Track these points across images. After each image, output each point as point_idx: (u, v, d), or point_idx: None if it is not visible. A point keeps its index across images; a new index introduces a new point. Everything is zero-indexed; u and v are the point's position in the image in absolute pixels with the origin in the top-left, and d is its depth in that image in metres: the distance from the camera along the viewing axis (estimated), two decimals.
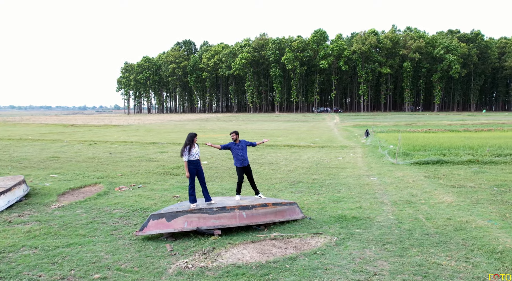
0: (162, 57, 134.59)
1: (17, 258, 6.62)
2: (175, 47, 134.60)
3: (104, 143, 27.01)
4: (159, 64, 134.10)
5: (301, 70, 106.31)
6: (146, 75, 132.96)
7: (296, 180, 13.19)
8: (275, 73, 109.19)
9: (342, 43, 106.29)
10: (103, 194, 11.34)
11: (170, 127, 48.23)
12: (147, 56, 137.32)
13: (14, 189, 10.31)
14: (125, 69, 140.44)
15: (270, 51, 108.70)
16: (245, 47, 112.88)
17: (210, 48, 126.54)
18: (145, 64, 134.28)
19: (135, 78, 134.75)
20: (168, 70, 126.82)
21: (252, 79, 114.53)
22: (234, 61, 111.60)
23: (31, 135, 36.40)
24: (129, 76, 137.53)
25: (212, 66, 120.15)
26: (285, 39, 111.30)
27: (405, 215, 8.96)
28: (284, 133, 35.45)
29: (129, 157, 19.38)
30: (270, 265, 6.26)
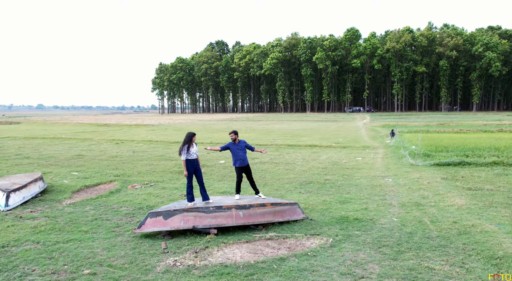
0: (195, 57, 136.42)
1: (18, 252, 6.90)
2: (208, 48, 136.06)
3: (131, 142, 27.69)
4: (192, 65, 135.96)
5: (333, 69, 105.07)
6: (180, 76, 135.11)
7: (308, 180, 13.06)
8: (306, 73, 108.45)
9: (375, 42, 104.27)
10: (115, 192, 11.63)
11: (198, 127, 48.84)
12: (180, 57, 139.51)
13: (29, 186, 10.74)
14: (160, 69, 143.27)
15: (302, 50, 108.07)
16: (277, 46, 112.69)
17: (241, 48, 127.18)
18: (178, 65, 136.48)
19: (169, 78, 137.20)
20: (200, 71, 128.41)
21: (283, 78, 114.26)
22: (265, 61, 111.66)
23: (64, 134, 37.78)
24: (163, 76, 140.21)
25: (244, 66, 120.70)
26: (317, 38, 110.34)
27: (410, 218, 8.71)
28: (310, 133, 35.17)
29: (150, 156, 19.79)
30: (258, 265, 6.24)
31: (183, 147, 8.36)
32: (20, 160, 18.63)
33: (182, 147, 8.37)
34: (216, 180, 13.44)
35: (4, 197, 9.84)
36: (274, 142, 25.96)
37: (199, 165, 8.59)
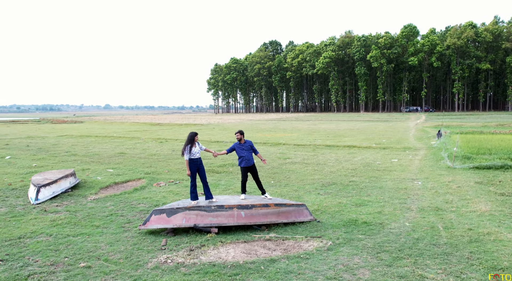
0: (248, 58, 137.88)
1: (30, 243, 7.38)
2: (261, 48, 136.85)
3: (174, 141, 28.55)
4: (246, 65, 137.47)
5: (388, 67, 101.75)
6: (233, 76, 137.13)
7: (332, 181, 12.81)
8: (360, 72, 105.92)
9: (434, 38, 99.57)
10: (140, 189, 12.07)
11: (246, 126, 49.31)
12: (234, 58, 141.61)
13: (60, 181, 11.43)
14: (214, 70, 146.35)
15: (355, 49, 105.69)
16: (330, 45, 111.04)
17: (294, 48, 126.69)
18: (232, 65, 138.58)
19: (223, 78, 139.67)
20: (253, 71, 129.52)
21: (336, 78, 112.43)
22: (318, 60, 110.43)
23: (117, 132, 39.71)
24: (217, 77, 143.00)
25: (296, 65, 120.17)
26: (372, 36, 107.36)
27: (423, 223, 8.30)
28: (355, 133, 34.35)
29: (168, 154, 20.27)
30: (246, 266, 6.24)
31: (185, 147, 8.51)
32: (67, 157, 19.85)
33: (185, 147, 8.51)
34: (239, 179, 13.52)
35: (35, 192, 10.57)
36: (314, 142, 25.64)
37: (202, 165, 8.72)
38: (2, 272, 6.00)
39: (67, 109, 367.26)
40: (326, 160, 17.61)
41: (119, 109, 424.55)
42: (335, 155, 19.35)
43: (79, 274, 5.95)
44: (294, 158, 18.15)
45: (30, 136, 35.59)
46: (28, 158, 19.71)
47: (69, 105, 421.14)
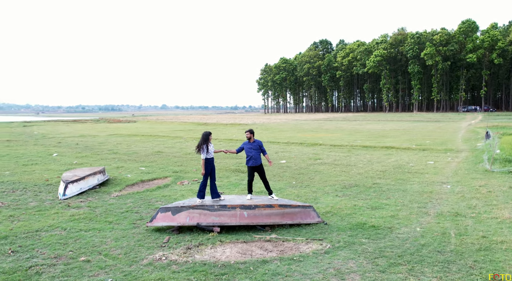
0: (298, 57, 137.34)
1: (44, 236, 7.81)
2: (311, 47, 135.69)
3: (213, 141, 29.04)
4: (295, 65, 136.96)
5: (444, 65, 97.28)
6: (283, 76, 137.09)
7: (355, 183, 12.49)
8: (413, 70, 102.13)
9: (495, 34, 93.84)
10: (163, 187, 12.43)
11: (289, 126, 49.15)
12: (284, 57, 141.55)
13: (87, 178, 12.02)
14: (264, 70, 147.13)
15: (409, 46, 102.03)
16: (381, 43, 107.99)
17: (345, 47, 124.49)
18: (281, 65, 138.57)
19: (272, 78, 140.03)
20: (303, 70, 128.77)
21: (388, 76, 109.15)
22: (369, 58, 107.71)
23: (163, 132, 41.02)
24: (267, 77, 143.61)
25: (347, 64, 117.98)
26: (426, 33, 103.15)
27: (436, 228, 7.91)
28: (399, 134, 33.20)
29: (221, 154, 20.58)
30: (236, 266, 6.25)
31: (202, 146, 8.59)
32: (108, 155, 20.82)
33: (202, 147, 8.59)
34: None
35: (63, 188, 11.20)
36: (352, 143, 25.09)
37: (214, 164, 8.82)
38: (8, 263, 6.42)
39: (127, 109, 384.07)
40: (358, 161, 17.19)
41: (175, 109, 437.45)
42: (370, 156, 18.84)
43: (76, 268, 6.24)
44: (325, 159, 17.88)
45: (83, 135, 37.65)
46: (73, 155, 20.88)
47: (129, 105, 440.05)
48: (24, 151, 23.07)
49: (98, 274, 6.00)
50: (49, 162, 18.22)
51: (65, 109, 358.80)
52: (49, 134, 40.47)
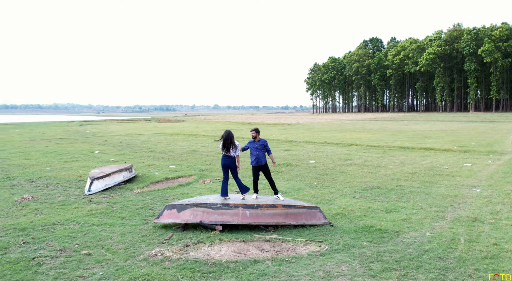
0: (347, 56, 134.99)
1: (59, 229, 8.20)
2: (361, 45, 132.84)
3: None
4: (344, 64, 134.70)
5: (504, 62, 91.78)
6: (331, 75, 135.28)
7: (377, 185, 12.12)
8: (470, 68, 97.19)
9: None
10: (185, 185, 12.69)
11: (332, 126, 48.41)
12: (332, 56, 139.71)
13: (113, 175, 12.53)
14: (312, 69, 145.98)
15: (465, 43, 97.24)
16: (435, 40, 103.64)
17: (396, 44, 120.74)
18: (330, 64, 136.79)
19: (321, 78, 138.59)
20: (352, 69, 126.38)
21: (442, 75, 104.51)
22: (421, 56, 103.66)
23: (205, 131, 41.81)
24: (315, 76, 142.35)
25: (398, 63, 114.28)
26: (484, 28, 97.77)
27: (447, 234, 7.52)
28: (445, 134, 31.71)
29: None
30: (226, 265, 6.25)
31: (232, 146, 8.70)
32: (144, 153, 21.55)
33: (231, 146, 8.69)
34: (285, 179, 13.48)
35: (89, 183, 11.74)
36: (391, 144, 24.31)
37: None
38: (17, 253, 6.81)
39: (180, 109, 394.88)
40: (389, 162, 16.65)
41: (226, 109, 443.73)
42: (404, 157, 18.17)
43: (76, 260, 6.51)
44: (356, 160, 17.47)
45: (129, 134, 39.20)
46: (112, 153, 21.83)
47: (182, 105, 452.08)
48: (71, 149, 24.40)
49: (93, 267, 6.24)
50: (89, 159, 19.16)
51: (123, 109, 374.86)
52: (100, 132, 42.50)
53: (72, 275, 5.91)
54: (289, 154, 19.94)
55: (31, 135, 39.29)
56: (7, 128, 57.06)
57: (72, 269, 6.15)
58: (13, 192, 11.82)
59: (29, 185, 12.91)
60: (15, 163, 18.18)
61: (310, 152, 20.79)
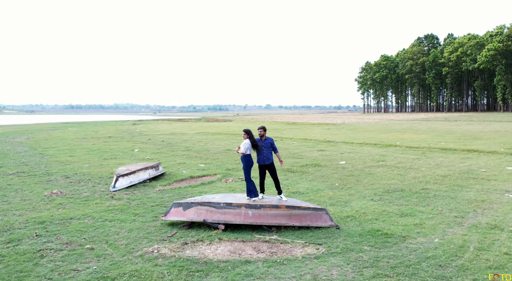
0: (400, 54, 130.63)
1: (73, 224, 8.53)
2: (415, 43, 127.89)
3: (288, 140, 29.07)
4: (397, 62, 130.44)
5: None
6: (383, 74, 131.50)
7: (402, 188, 11.63)
8: None
9: None
10: (206, 184, 12.84)
11: (378, 126, 47.00)
12: (385, 55, 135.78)
13: (138, 173, 12.92)
14: (363, 68, 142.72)
15: None
16: (496, 36, 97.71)
17: (453, 41, 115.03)
18: (382, 63, 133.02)
19: (372, 77, 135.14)
20: (405, 68, 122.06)
21: (504, 72, 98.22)
22: (480, 53, 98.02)
23: None
24: (366, 75, 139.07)
25: (455, 60, 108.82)
26: None
27: (457, 241, 7.08)
28: (497, 136, 29.79)
29: (285, 153, 20.57)
30: (216, 264, 6.23)
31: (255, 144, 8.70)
32: (180, 152, 22.06)
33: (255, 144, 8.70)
34: (307, 180, 13.28)
35: (114, 180, 12.22)
36: (434, 145, 23.23)
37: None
38: (27, 245, 7.18)
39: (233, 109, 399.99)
40: (424, 164, 15.91)
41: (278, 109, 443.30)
42: (442, 159, 17.30)
43: (77, 254, 6.76)
44: (389, 161, 16.86)
45: (173, 133, 40.31)
46: (150, 151, 22.54)
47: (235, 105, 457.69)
48: (114, 147, 25.50)
49: (90, 262, 6.45)
50: (126, 157, 19.92)
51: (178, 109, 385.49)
52: (147, 131, 44.03)
53: (68, 268, 6.16)
54: (322, 155, 19.61)
55: (84, 133, 41.51)
56: (67, 126, 60.69)
57: (70, 263, 6.40)
58: (46, 187, 12.52)
59: (63, 181, 13.64)
60: (59, 159, 19.27)
61: (345, 152, 20.33)
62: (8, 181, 13.66)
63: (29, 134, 41.66)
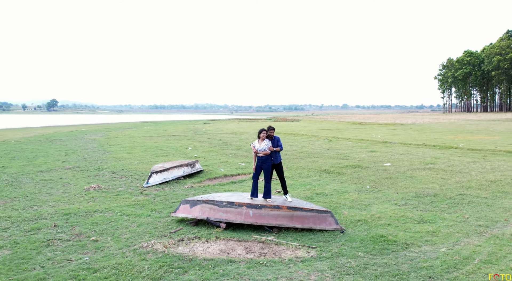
0: (486, 49, 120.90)
1: (94, 216, 8.96)
2: (504, 36, 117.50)
3: (345, 140, 28.26)
4: (482, 58, 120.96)
5: None
6: (466, 71, 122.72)
7: (436, 193, 10.81)
8: None
9: None
10: (237, 182, 12.91)
11: (451, 127, 43.91)
12: (468, 50, 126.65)
13: (172, 170, 13.34)
14: (444, 65, 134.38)
15: None
16: None
17: None
18: (465, 59, 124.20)
19: (453, 74, 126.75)
20: (491, 64, 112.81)
21: None
22: None
23: (309, 131, 41.63)
24: (447, 72, 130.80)
25: None
26: None
27: (465, 252, 6.46)
28: None
29: (333, 153, 20.05)
30: (199, 262, 6.22)
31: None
32: (230, 151, 22.38)
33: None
34: (340, 181, 12.84)
35: (148, 176, 12.78)
36: (502, 148, 21.26)
37: (267, 164, 8.46)
38: (41, 234, 7.67)
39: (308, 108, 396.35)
40: (475, 169, 14.63)
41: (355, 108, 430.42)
42: (501, 163, 15.79)
43: (80, 245, 7.11)
44: (438, 164, 15.75)
45: (235, 132, 41.04)
46: (202, 149, 23.17)
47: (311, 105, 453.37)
48: (172, 145, 26.58)
49: (87, 253, 6.75)
50: (177, 155, 20.69)
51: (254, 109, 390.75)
52: (212, 131, 45.26)
53: (63, 258, 6.51)
54: (370, 156, 18.83)
55: (154, 132, 43.67)
56: (144, 125, 64.47)
57: (69, 253, 6.75)
58: (90, 181, 13.39)
59: (108, 176, 14.49)
60: (116, 156, 20.53)
61: (396, 154, 19.34)
62: (62, 175, 14.81)
63: (106, 132, 44.78)
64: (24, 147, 25.29)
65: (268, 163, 8.41)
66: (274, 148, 8.43)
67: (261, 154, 8.38)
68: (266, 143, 8.39)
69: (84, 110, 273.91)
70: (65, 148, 25.16)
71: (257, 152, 8.41)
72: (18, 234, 7.79)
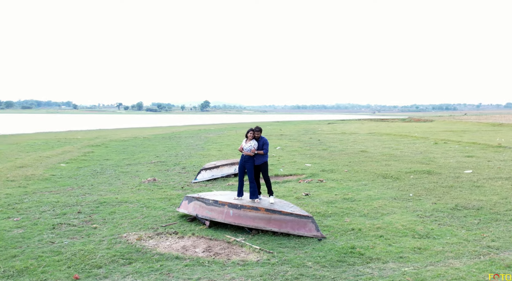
0: None
1: (120, 206, 9.73)
2: None
3: (454, 143, 25.27)
4: None
5: None
6: None
7: (481, 206, 9.20)
8: None
9: None
10: (280, 183, 12.65)
11: None
12: None
13: (222, 167, 13.73)
14: None
15: None
16: None
17: None
18: None
19: None
20: None
21: None
22: None
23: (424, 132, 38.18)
24: None
25: None
26: None
27: (426, 275, 5.52)
28: None
29: (420, 158, 18.22)
30: (149, 256, 6.47)
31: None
32: (315, 152, 21.88)
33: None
34: (387, 187, 11.73)
35: (197, 173, 13.45)
36: None
37: (249, 163, 8.42)
38: (59, 218, 8.65)
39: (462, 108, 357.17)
40: None
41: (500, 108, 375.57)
42: None
43: (77, 230, 7.83)
44: (501, 175, 13.20)
45: (344, 133, 39.79)
46: (289, 149, 23.11)
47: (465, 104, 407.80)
48: None
49: (74, 238, 7.40)
50: None
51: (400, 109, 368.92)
52: (324, 131, 44.42)
53: (50, 240, 7.25)
54: (459, 162, 16.60)
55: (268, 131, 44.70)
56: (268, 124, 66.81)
57: (60, 236, 7.50)
58: (155, 175, 14.51)
59: (176, 171, 15.54)
60: (204, 153, 21.82)
61: (496, 160, 16.67)
62: (140, 168, 16.36)
63: (226, 130, 47.24)
64: (145, 143, 27.92)
65: (250, 163, 8.29)
66: (257, 151, 8.26)
67: (245, 153, 8.30)
68: (252, 144, 8.27)
69: (232, 110, 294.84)
70: (175, 144, 27.37)
71: (241, 150, 8.39)
72: (45, 217, 8.86)
